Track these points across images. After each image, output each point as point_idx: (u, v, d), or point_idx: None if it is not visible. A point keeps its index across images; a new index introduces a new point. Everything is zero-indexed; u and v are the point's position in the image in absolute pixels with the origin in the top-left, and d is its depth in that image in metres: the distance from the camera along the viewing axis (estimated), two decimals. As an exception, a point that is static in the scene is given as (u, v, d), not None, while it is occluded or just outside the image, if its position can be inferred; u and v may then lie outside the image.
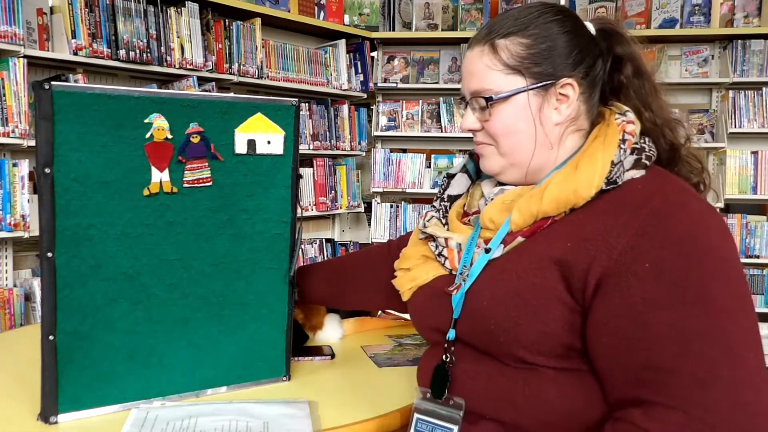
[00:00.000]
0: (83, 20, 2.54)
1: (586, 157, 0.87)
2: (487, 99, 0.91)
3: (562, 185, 0.86)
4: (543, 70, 0.90)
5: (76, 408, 0.98)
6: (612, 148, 0.86)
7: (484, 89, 0.92)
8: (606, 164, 0.85)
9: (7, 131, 2.36)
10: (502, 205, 0.92)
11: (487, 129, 0.93)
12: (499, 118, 0.92)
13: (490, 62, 0.92)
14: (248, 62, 3.20)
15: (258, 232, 1.09)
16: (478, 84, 0.93)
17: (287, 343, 1.15)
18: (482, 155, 0.97)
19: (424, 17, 3.91)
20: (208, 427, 0.94)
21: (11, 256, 2.54)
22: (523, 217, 0.87)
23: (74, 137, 0.93)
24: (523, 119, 0.91)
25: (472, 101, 0.94)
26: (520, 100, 0.91)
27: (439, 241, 0.99)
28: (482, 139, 0.96)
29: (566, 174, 0.87)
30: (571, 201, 0.85)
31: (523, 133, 0.91)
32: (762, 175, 3.58)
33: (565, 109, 0.91)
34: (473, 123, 0.95)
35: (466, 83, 0.96)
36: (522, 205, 0.88)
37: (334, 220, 4.01)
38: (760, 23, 3.67)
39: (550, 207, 0.85)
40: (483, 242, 0.91)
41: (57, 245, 0.94)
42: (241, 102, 1.04)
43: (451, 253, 0.97)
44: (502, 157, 0.94)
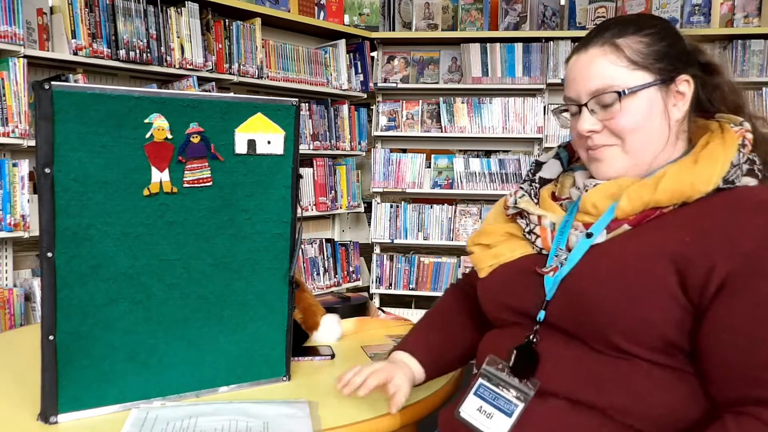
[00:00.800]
0: (83, 20, 2.54)
1: (707, 153, 0.88)
2: (619, 93, 0.90)
3: (680, 177, 0.86)
4: (664, 66, 0.91)
5: (76, 408, 0.98)
6: (733, 150, 0.87)
7: (611, 86, 0.91)
8: (726, 163, 0.86)
9: (7, 131, 2.36)
10: (606, 192, 0.92)
11: (614, 126, 0.92)
12: (629, 113, 0.91)
13: (614, 59, 0.91)
14: (248, 62, 3.20)
15: (258, 232, 1.09)
16: (601, 82, 0.91)
17: (287, 343, 1.15)
18: (600, 159, 0.95)
19: (424, 17, 3.91)
20: (208, 427, 0.94)
21: (11, 256, 2.54)
22: (633, 204, 0.87)
23: (74, 137, 0.93)
24: (653, 115, 0.91)
25: (593, 101, 0.93)
26: (648, 95, 0.91)
27: (531, 218, 0.98)
28: (603, 141, 0.94)
29: (684, 166, 0.87)
30: (686, 193, 0.85)
31: (652, 129, 0.92)
32: (762, 175, 3.58)
33: (682, 106, 0.93)
34: (594, 124, 0.93)
35: (582, 85, 0.94)
36: (632, 192, 0.87)
37: (334, 220, 4.01)
38: (760, 23, 3.67)
39: (665, 197, 0.86)
40: (582, 226, 0.91)
41: (57, 245, 0.94)
42: (241, 102, 1.04)
43: (544, 231, 0.96)
44: (627, 156, 0.93)
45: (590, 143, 0.95)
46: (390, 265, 3.90)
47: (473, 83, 3.79)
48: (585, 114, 0.94)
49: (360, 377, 1.00)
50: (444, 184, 3.82)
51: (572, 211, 0.95)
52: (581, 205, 0.94)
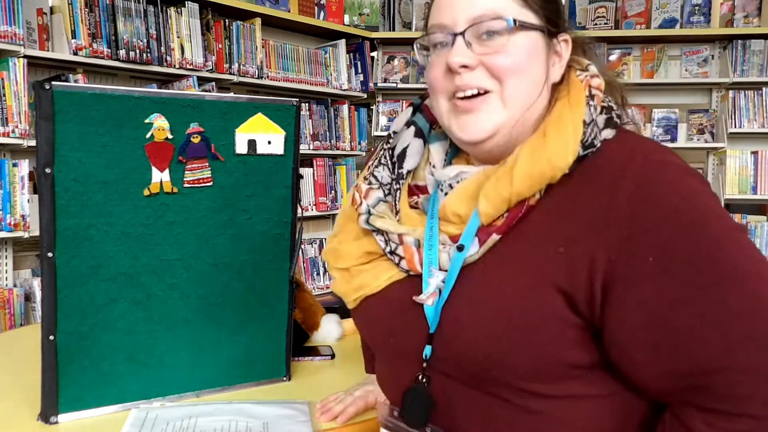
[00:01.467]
0: (83, 20, 2.54)
1: (552, 121, 0.73)
2: (508, 21, 0.73)
3: (533, 157, 0.71)
4: (549, 15, 0.77)
5: (76, 408, 0.98)
6: (580, 107, 0.73)
7: (497, 14, 0.74)
8: (577, 125, 0.71)
9: (7, 131, 2.36)
10: (465, 194, 0.76)
11: (492, 64, 0.74)
12: (513, 50, 0.74)
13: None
14: (248, 62, 3.20)
15: (258, 232, 1.09)
16: (488, 7, 0.74)
17: (287, 344, 1.15)
18: (468, 111, 0.76)
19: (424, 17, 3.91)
20: (208, 427, 0.94)
21: (11, 256, 2.54)
22: (494, 204, 0.72)
23: (74, 137, 0.93)
24: (535, 61, 0.75)
25: (473, 30, 0.74)
26: (533, 38, 0.75)
27: (392, 236, 0.80)
28: (475, 81, 0.75)
29: (535, 144, 0.72)
30: (546, 175, 0.70)
31: (531, 78, 0.75)
32: (762, 175, 3.59)
33: (558, 69, 0.79)
34: (469, 57, 0.74)
35: (461, 10, 0.75)
36: (489, 190, 0.72)
37: (334, 220, 4.01)
38: (760, 23, 3.67)
39: (524, 186, 0.70)
40: (449, 239, 0.76)
41: (57, 245, 0.94)
42: (241, 102, 1.04)
43: (408, 251, 0.78)
44: (504, 108, 0.75)
45: (459, 82, 0.75)
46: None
47: (473, 83, 3.78)
48: (459, 44, 0.74)
49: (340, 405, 1.00)
50: (444, 184, 3.82)
51: (433, 215, 0.78)
52: (441, 213, 0.77)
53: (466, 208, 0.75)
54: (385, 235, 0.81)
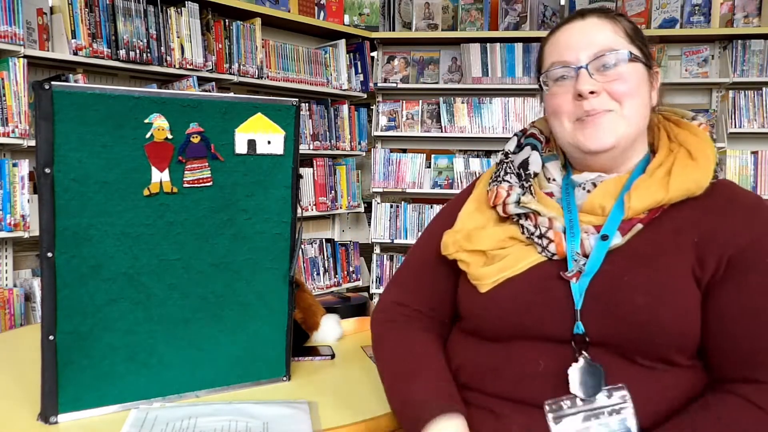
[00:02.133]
0: (83, 20, 2.54)
1: (697, 149, 0.90)
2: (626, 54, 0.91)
3: (686, 174, 0.88)
4: (647, 51, 0.95)
5: (76, 408, 0.98)
6: (712, 145, 0.91)
7: (615, 48, 0.92)
8: (714, 158, 0.89)
9: (7, 131, 2.36)
10: (608, 192, 0.91)
11: (613, 89, 0.91)
12: (629, 78, 0.91)
13: (614, 29, 0.93)
14: (248, 62, 3.20)
15: (258, 232, 1.09)
16: (605, 44, 0.92)
17: (287, 343, 1.15)
18: (594, 125, 0.91)
19: (424, 17, 3.91)
20: (208, 427, 0.94)
21: (11, 256, 2.54)
22: (644, 203, 0.87)
23: (74, 137, 0.93)
24: (643, 88, 0.94)
25: (595, 63, 0.91)
26: (640, 69, 0.94)
27: (541, 220, 0.91)
28: (600, 105, 0.91)
29: (686, 164, 0.89)
30: (691, 190, 0.87)
31: (643, 101, 0.93)
32: (762, 175, 3.58)
33: (655, 95, 0.97)
34: (595, 85, 0.91)
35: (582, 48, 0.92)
36: (643, 191, 0.88)
37: (334, 220, 4.01)
38: (760, 23, 3.67)
39: (676, 195, 0.87)
40: (592, 228, 0.89)
41: (57, 245, 0.94)
42: (241, 102, 1.04)
43: (558, 236, 0.89)
44: (625, 122, 0.91)
45: (587, 107, 0.91)
46: (390, 265, 3.89)
47: (473, 83, 3.79)
48: (584, 75, 0.91)
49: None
50: (444, 184, 3.82)
51: (571, 211, 0.92)
52: (586, 206, 0.91)
53: (609, 201, 0.90)
54: (534, 220, 0.92)
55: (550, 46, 0.98)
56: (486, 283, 0.91)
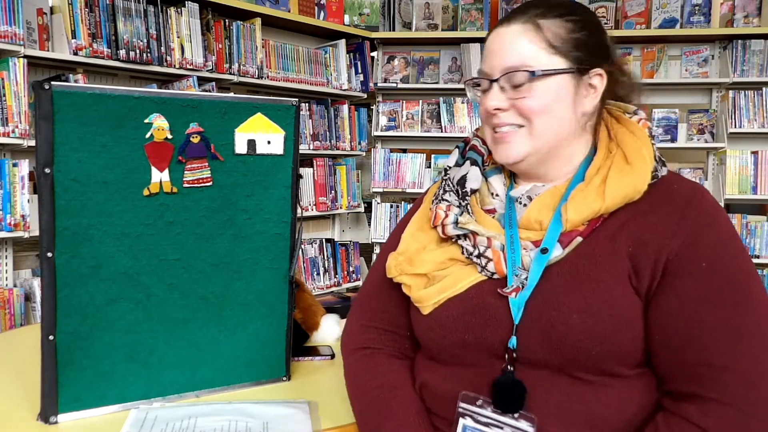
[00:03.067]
0: (83, 20, 2.54)
1: (633, 151, 0.87)
2: (531, 73, 0.88)
3: (622, 181, 0.85)
4: (581, 56, 0.90)
5: (76, 408, 0.98)
6: (649, 144, 0.88)
7: (525, 65, 0.88)
8: (651, 159, 0.86)
9: (7, 131, 2.36)
10: (544, 205, 0.90)
11: (521, 106, 0.89)
12: (538, 95, 0.88)
13: (533, 39, 0.89)
14: (248, 62, 3.20)
15: (258, 232, 1.09)
16: (518, 59, 0.89)
17: (287, 343, 1.15)
18: (503, 142, 0.92)
19: (424, 17, 3.91)
20: (208, 427, 0.94)
21: (11, 256, 2.54)
22: (581, 214, 0.85)
23: (74, 137, 0.93)
24: (561, 101, 0.89)
25: (505, 78, 0.89)
26: (559, 81, 0.89)
27: (479, 239, 0.90)
28: (509, 120, 0.90)
29: (621, 170, 0.86)
30: (630, 196, 0.85)
31: (558, 115, 0.90)
32: (762, 175, 3.58)
33: (591, 100, 0.91)
34: (501, 101, 0.90)
35: (497, 60, 0.90)
36: (579, 203, 0.86)
37: (334, 220, 4.01)
38: (760, 23, 3.66)
39: (613, 203, 0.85)
40: (530, 243, 0.87)
41: (57, 245, 0.94)
42: (241, 102, 1.04)
43: (496, 254, 0.88)
44: (532, 140, 0.90)
45: (496, 121, 0.91)
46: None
47: (473, 83, 3.78)
48: (495, 90, 0.90)
49: None
50: (444, 184, 3.82)
51: (512, 226, 0.91)
52: (524, 221, 0.90)
53: (546, 215, 0.89)
54: (472, 240, 0.91)
55: (484, 47, 0.96)
56: (427, 305, 0.91)
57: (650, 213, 0.84)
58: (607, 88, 0.93)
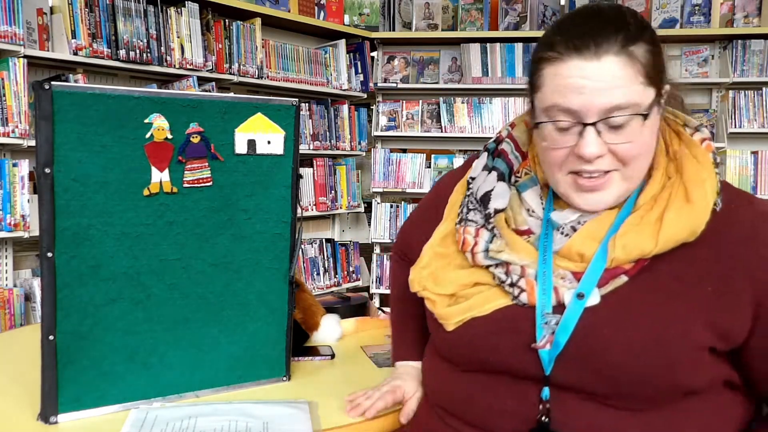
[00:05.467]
0: (83, 20, 2.54)
1: (695, 185, 0.78)
2: (644, 116, 0.77)
3: (680, 223, 0.76)
4: (662, 78, 0.81)
5: (76, 408, 0.98)
6: (713, 174, 0.79)
7: (630, 103, 0.76)
8: (714, 193, 0.77)
9: (7, 131, 2.36)
10: (590, 236, 0.80)
11: (623, 151, 0.78)
12: (639, 138, 0.78)
13: (633, 73, 0.76)
14: (248, 62, 3.20)
15: (258, 232, 1.09)
16: (623, 99, 0.76)
17: (287, 343, 1.15)
18: (593, 191, 0.80)
19: (424, 17, 3.91)
20: (208, 427, 0.94)
21: (11, 256, 2.54)
22: (630, 255, 0.77)
23: (74, 137, 0.93)
24: (654, 136, 0.80)
25: (607, 120, 0.76)
26: (655, 114, 0.80)
27: (513, 268, 0.83)
28: (603, 167, 0.79)
29: (681, 209, 0.77)
30: (684, 239, 0.77)
31: (651, 149, 0.81)
32: (762, 175, 3.58)
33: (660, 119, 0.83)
34: (601, 147, 0.77)
35: (594, 99, 0.76)
36: (629, 242, 0.77)
37: (334, 220, 4.01)
38: (760, 23, 3.66)
39: (666, 247, 0.77)
40: (570, 275, 0.80)
41: (57, 245, 0.94)
42: (241, 102, 1.04)
43: (530, 284, 0.81)
44: (626, 183, 0.80)
45: (587, 167, 0.79)
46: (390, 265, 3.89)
47: (473, 83, 3.79)
48: (591, 135, 0.77)
49: (368, 401, 1.00)
50: (444, 184, 3.82)
51: (547, 253, 0.82)
52: (564, 251, 0.82)
53: (591, 247, 0.80)
54: (506, 267, 0.84)
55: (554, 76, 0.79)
56: (451, 323, 0.87)
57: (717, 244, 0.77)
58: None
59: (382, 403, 1.00)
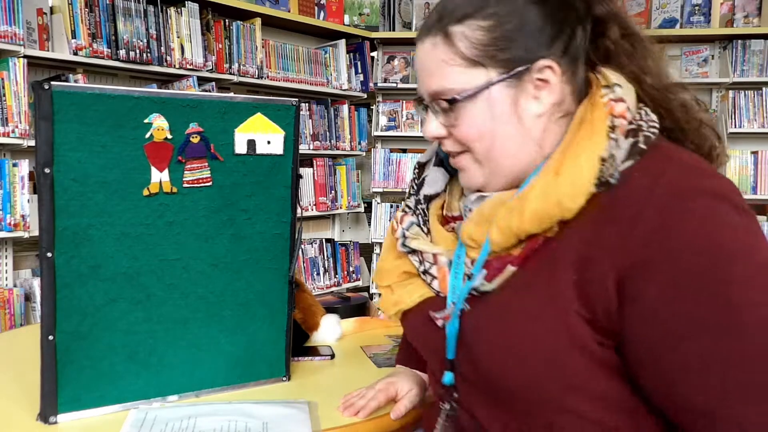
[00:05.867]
0: (83, 20, 2.54)
1: (570, 156, 0.70)
2: (449, 101, 0.75)
3: (544, 197, 0.69)
4: (512, 55, 0.72)
5: (75, 408, 0.98)
6: (600, 140, 0.69)
7: (445, 89, 0.75)
8: (593, 163, 0.68)
9: (7, 131, 2.36)
10: (481, 218, 0.76)
11: (456, 135, 0.77)
12: (467, 122, 0.75)
13: (445, 56, 0.74)
14: (248, 62, 3.20)
15: (258, 232, 1.09)
16: (437, 83, 0.76)
17: (287, 343, 1.15)
18: (460, 169, 0.81)
19: (424, 17, 3.90)
20: (208, 427, 0.94)
21: (11, 256, 2.54)
22: (504, 236, 0.72)
23: (74, 137, 0.93)
24: (497, 118, 0.74)
25: (433, 104, 0.78)
26: (489, 96, 0.74)
27: (426, 256, 0.82)
28: (452, 148, 0.79)
29: (547, 182, 0.70)
30: (555, 215, 0.69)
31: (500, 134, 0.74)
32: (762, 175, 3.58)
33: (546, 96, 0.74)
34: (438, 129, 0.78)
35: (423, 83, 0.78)
36: (501, 221, 0.72)
37: (334, 220, 4.01)
38: (760, 23, 3.67)
39: (532, 225, 0.70)
40: (470, 263, 0.76)
41: (57, 245, 0.94)
42: (241, 102, 1.04)
43: (442, 272, 0.80)
44: (481, 165, 0.77)
45: (444, 149, 0.81)
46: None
47: (473, 83, 3.78)
48: (430, 116, 0.79)
49: (362, 400, 1.01)
50: (444, 184, 3.82)
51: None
52: (463, 236, 0.78)
53: (480, 232, 0.75)
54: (420, 255, 0.83)
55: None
56: (391, 315, 0.88)
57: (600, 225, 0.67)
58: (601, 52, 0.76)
59: (375, 402, 1.00)
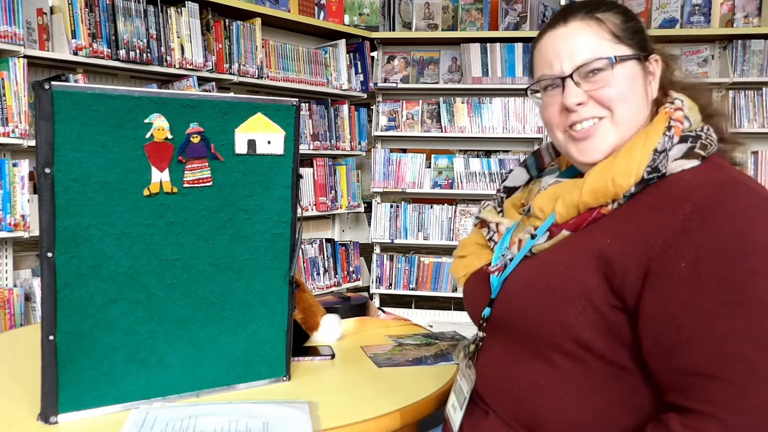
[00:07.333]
0: (83, 20, 2.54)
1: (627, 146, 0.86)
2: (609, 59, 0.88)
3: (601, 175, 0.84)
4: (638, 43, 0.91)
5: (76, 408, 0.98)
6: (655, 136, 0.84)
7: (599, 56, 0.89)
8: (646, 153, 0.82)
9: (7, 131, 2.36)
10: (552, 195, 0.91)
11: (601, 96, 0.88)
12: (617, 82, 0.88)
13: (599, 32, 0.90)
14: (248, 62, 3.20)
15: (258, 232, 1.09)
16: (589, 53, 0.89)
17: (287, 343, 1.15)
18: (586, 138, 0.90)
19: (424, 17, 3.91)
20: (208, 427, 0.94)
21: (11, 256, 2.54)
22: (566, 208, 0.87)
23: (74, 137, 0.93)
24: (636, 86, 0.90)
25: (579, 73, 0.89)
26: (631, 67, 0.90)
27: (491, 226, 1.02)
28: (589, 114, 0.90)
29: (606, 163, 0.86)
30: (610, 191, 0.83)
31: (636, 102, 0.90)
32: (762, 175, 3.58)
33: (654, 85, 0.92)
34: (581, 96, 0.89)
35: (565, 58, 0.90)
36: (565, 195, 0.87)
37: (334, 220, 4.01)
38: (760, 23, 3.66)
39: (589, 198, 0.84)
40: (532, 228, 0.92)
41: (57, 245, 0.94)
42: (241, 102, 1.04)
43: (500, 236, 0.99)
44: (617, 128, 0.89)
45: (575, 118, 0.91)
46: (390, 265, 3.90)
47: (473, 83, 3.79)
48: (570, 86, 0.90)
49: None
50: (444, 184, 3.82)
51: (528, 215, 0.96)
52: (532, 209, 0.93)
53: (549, 205, 0.90)
54: (488, 226, 1.03)
55: (537, 54, 0.97)
56: (459, 279, 1.06)
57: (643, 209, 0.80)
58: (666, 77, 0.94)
59: None
